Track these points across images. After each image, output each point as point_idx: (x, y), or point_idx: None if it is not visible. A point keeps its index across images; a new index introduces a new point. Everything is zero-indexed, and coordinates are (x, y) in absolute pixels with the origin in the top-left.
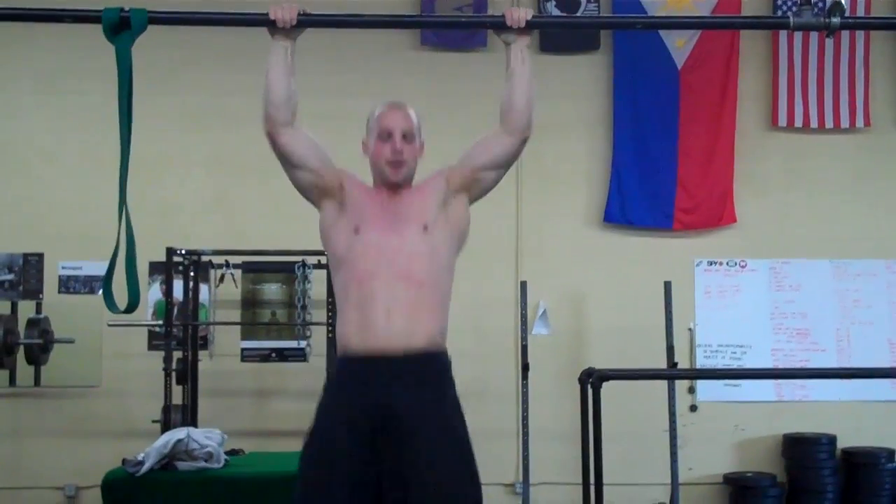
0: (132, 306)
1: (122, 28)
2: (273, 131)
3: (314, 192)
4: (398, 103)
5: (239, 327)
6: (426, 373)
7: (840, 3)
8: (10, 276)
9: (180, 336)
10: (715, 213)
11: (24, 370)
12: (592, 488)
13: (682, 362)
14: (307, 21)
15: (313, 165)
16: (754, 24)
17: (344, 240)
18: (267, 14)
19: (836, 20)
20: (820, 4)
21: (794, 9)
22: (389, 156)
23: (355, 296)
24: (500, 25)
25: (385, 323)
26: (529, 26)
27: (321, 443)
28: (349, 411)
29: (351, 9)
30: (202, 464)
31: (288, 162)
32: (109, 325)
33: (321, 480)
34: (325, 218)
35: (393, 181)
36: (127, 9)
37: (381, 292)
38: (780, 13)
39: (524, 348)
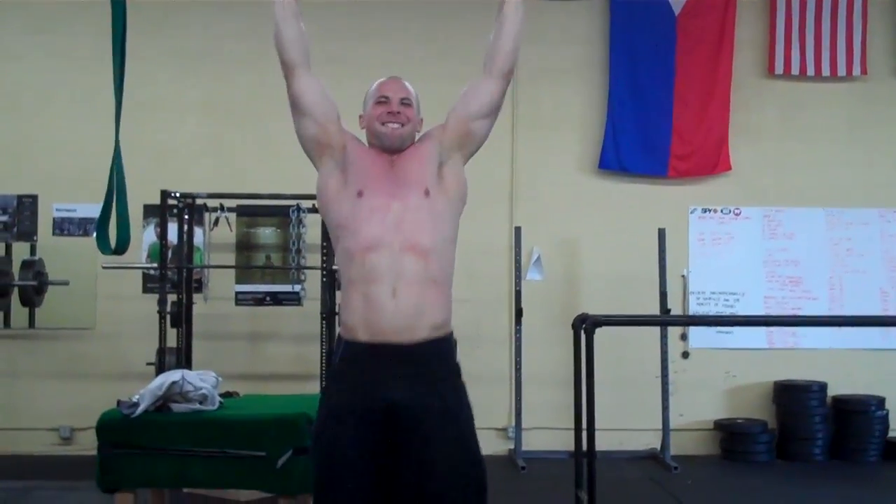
0: (121, 246)
1: None
2: (288, 74)
3: (315, 147)
4: (396, 76)
5: (233, 271)
6: (432, 365)
7: None
8: (5, 218)
9: (175, 279)
10: (710, 160)
11: (18, 312)
12: (584, 433)
13: (675, 309)
14: None
15: (318, 118)
16: None
17: (347, 205)
18: None
19: None
20: None
21: None
22: (385, 116)
23: (359, 271)
24: None
25: (392, 306)
26: None
27: (331, 441)
28: (354, 406)
29: None
30: (197, 406)
31: (295, 108)
32: (104, 268)
33: (334, 478)
34: (324, 182)
35: (388, 143)
36: None
37: (386, 267)
38: None
39: (518, 294)
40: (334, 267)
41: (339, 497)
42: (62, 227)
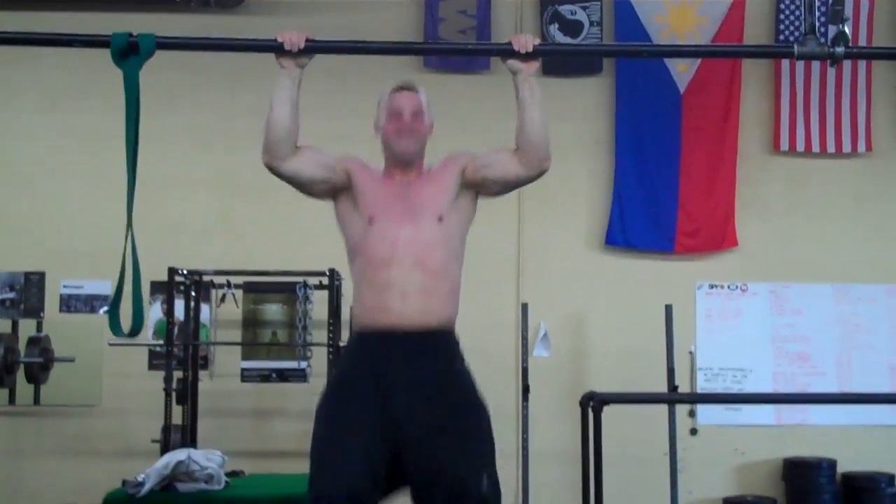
0: (135, 330)
1: (129, 53)
2: (273, 164)
3: (327, 195)
4: (407, 83)
5: (239, 347)
6: (437, 346)
7: (844, 33)
8: (12, 295)
9: (181, 356)
10: (716, 236)
11: (23, 389)
12: None
13: (683, 385)
14: (315, 47)
15: (322, 176)
16: (759, 52)
17: (358, 230)
18: (275, 39)
19: (840, 50)
20: (822, 30)
21: (797, 35)
22: (398, 132)
23: (370, 279)
24: (507, 52)
25: (400, 305)
26: (536, 52)
27: (337, 398)
28: (362, 375)
29: (354, 30)
30: (203, 485)
31: (297, 183)
32: (110, 345)
33: (337, 428)
34: (339, 209)
35: (402, 154)
36: (135, 34)
37: (396, 278)
38: (782, 38)
39: (524, 370)
40: (341, 343)
41: (338, 452)
42: (69, 303)
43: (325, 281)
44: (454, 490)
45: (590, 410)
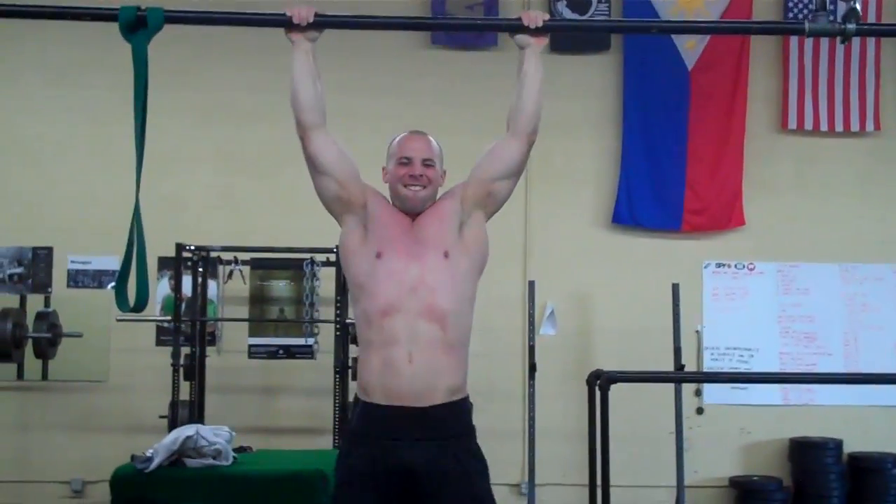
0: (140, 305)
1: (138, 27)
2: (303, 135)
3: (337, 204)
4: (419, 131)
5: (247, 324)
6: (449, 428)
7: (855, 10)
8: (20, 270)
9: (188, 332)
10: (724, 215)
11: (31, 364)
12: (599, 490)
13: (690, 364)
14: (323, 22)
15: (338, 176)
16: (770, 29)
17: (365, 265)
18: (284, 14)
19: (851, 26)
20: (832, 7)
21: (807, 12)
22: (408, 179)
23: (377, 335)
24: (517, 27)
25: (408, 372)
26: (546, 28)
27: (348, 500)
28: (373, 470)
29: (361, 5)
30: (211, 461)
31: (314, 167)
32: (118, 320)
33: None
34: (346, 238)
35: (411, 206)
36: (143, 7)
37: (402, 332)
38: (791, 15)
39: (531, 348)
40: (348, 320)
41: None
42: (77, 279)
43: (333, 257)
44: None
45: (597, 389)
